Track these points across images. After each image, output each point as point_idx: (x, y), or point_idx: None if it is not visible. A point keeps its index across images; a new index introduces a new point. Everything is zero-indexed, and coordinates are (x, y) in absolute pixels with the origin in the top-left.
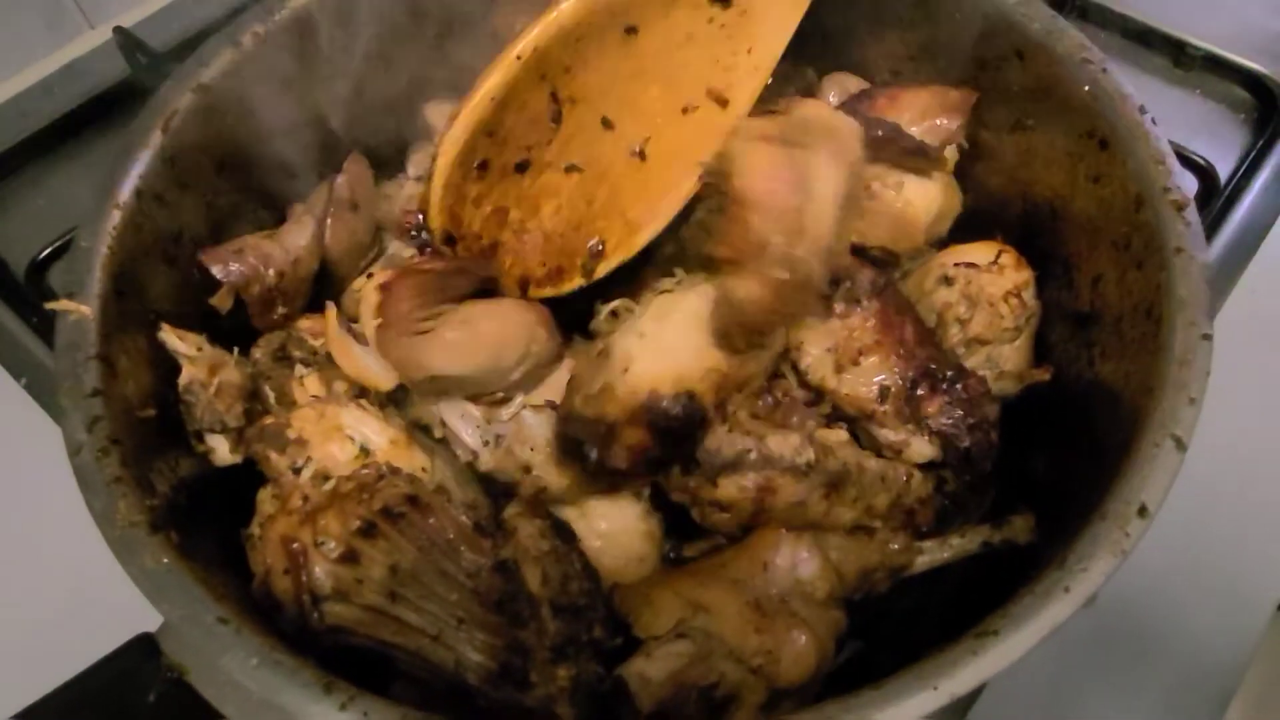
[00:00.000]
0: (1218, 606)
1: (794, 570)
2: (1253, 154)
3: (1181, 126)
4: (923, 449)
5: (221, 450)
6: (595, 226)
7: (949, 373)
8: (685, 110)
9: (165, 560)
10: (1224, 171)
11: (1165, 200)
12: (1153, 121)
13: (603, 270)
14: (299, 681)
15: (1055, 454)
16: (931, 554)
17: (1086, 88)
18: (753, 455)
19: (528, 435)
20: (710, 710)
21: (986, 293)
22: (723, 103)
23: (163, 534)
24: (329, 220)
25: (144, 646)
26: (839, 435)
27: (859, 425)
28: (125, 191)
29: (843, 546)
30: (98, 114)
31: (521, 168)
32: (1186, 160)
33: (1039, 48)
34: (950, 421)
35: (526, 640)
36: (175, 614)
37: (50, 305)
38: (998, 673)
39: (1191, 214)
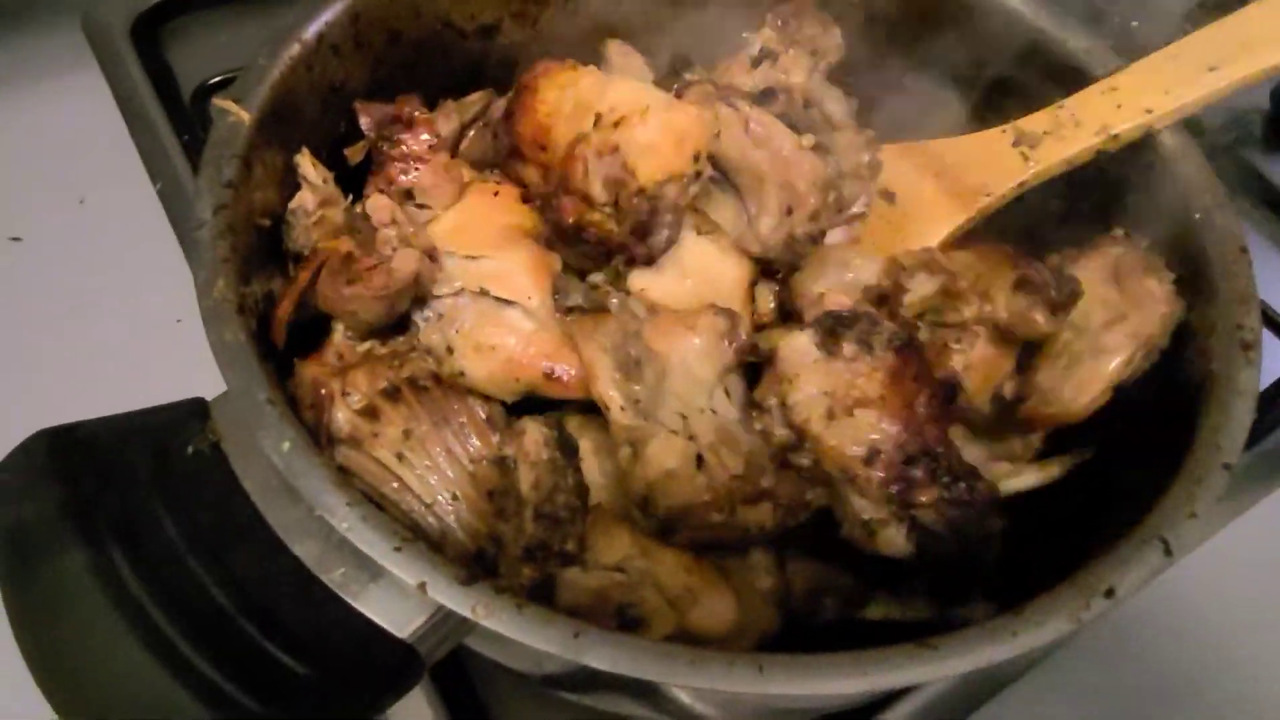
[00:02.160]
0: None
1: (746, 555)
2: None
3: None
4: (895, 541)
5: None
6: None
7: (956, 467)
8: None
9: (241, 338)
10: None
11: (1235, 336)
12: (1248, 264)
13: None
14: (320, 472)
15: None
16: (884, 606)
17: (1197, 215)
18: (717, 526)
19: (457, 317)
20: (620, 625)
21: None
22: None
23: (244, 317)
24: (471, 131)
25: (195, 407)
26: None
27: (835, 491)
28: (310, 31)
29: (800, 562)
30: None
31: None
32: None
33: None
34: (941, 522)
35: (504, 534)
36: (236, 384)
37: (218, 101)
38: (925, 680)
39: (1255, 354)
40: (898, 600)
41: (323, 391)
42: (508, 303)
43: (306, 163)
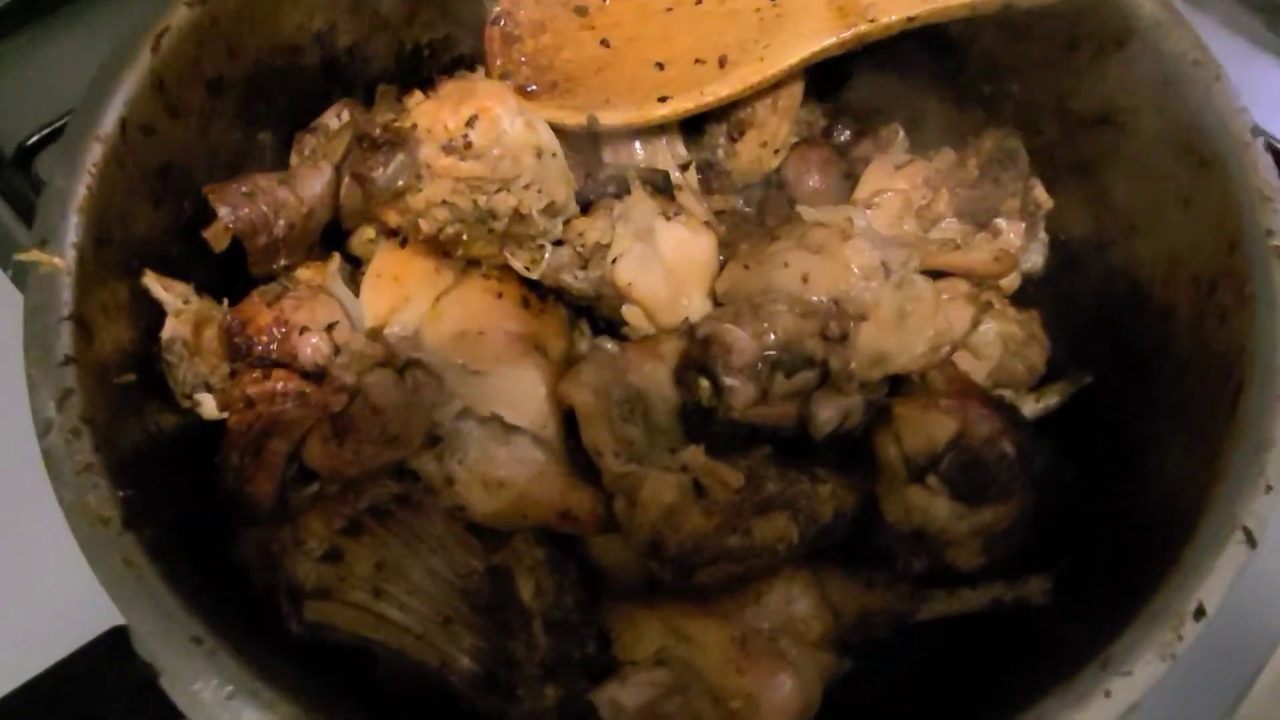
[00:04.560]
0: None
1: (788, 607)
2: None
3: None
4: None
5: (209, 405)
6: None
7: None
8: (696, 61)
9: (136, 562)
10: None
11: (1267, 245)
12: (1266, 147)
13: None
14: (277, 715)
15: (1101, 526)
16: (938, 604)
17: (1194, 95)
18: (735, 552)
19: (459, 445)
20: None
21: None
22: (721, 64)
23: (135, 531)
24: (346, 175)
25: (115, 643)
26: (822, 494)
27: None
28: (108, 122)
29: (843, 588)
30: None
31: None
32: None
33: (1144, 40)
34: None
35: (516, 652)
36: (145, 628)
37: (20, 257)
38: None
39: None
40: (946, 595)
41: (273, 549)
42: (517, 430)
43: (158, 286)
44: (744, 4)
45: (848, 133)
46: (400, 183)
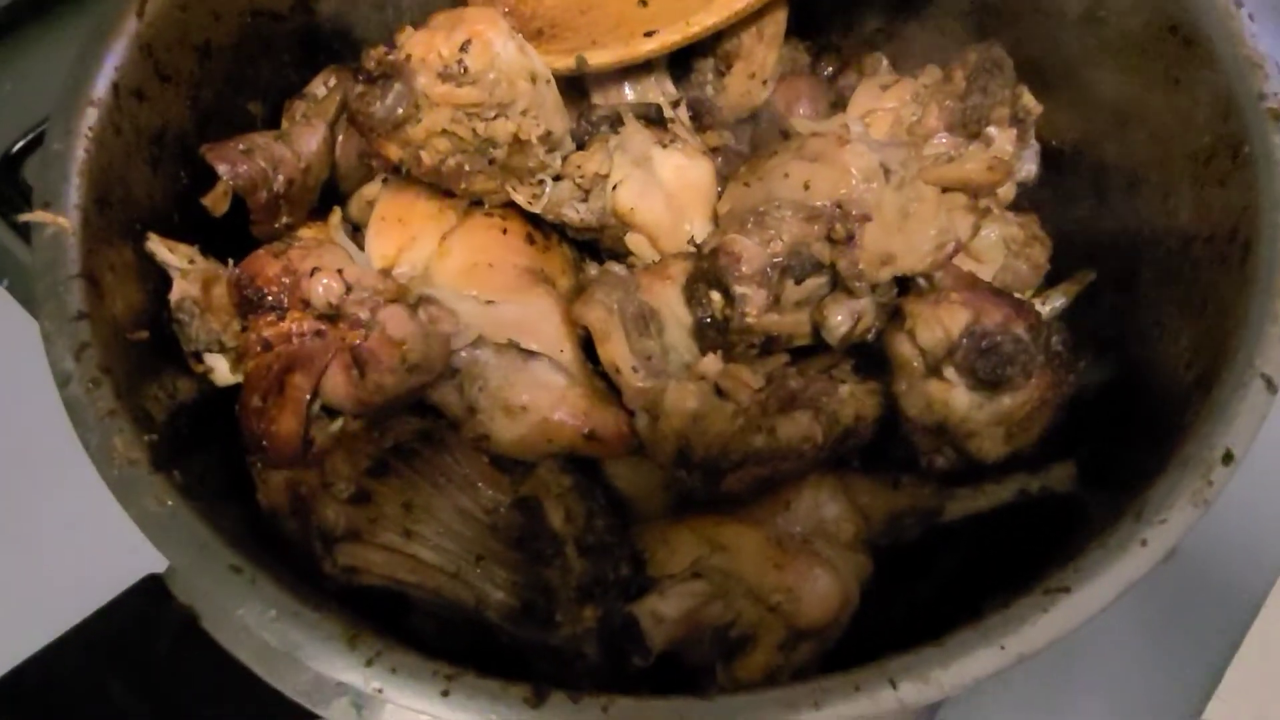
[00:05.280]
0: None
1: (817, 511)
2: None
3: None
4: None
5: (222, 370)
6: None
7: None
8: None
9: (169, 502)
10: None
11: (1261, 109)
12: (1250, 18)
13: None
14: (321, 635)
15: (1122, 397)
16: (965, 501)
17: None
18: (763, 452)
19: (478, 373)
20: (726, 650)
21: None
22: None
23: (165, 473)
24: (341, 134)
25: (152, 589)
26: (842, 394)
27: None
28: (100, 87)
29: (870, 490)
30: None
31: None
32: None
33: None
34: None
35: (551, 579)
36: (184, 561)
37: (24, 217)
38: (1070, 631)
39: None
40: (972, 490)
41: (302, 491)
42: (534, 355)
43: (161, 249)
44: None
45: (831, 68)
46: (399, 111)
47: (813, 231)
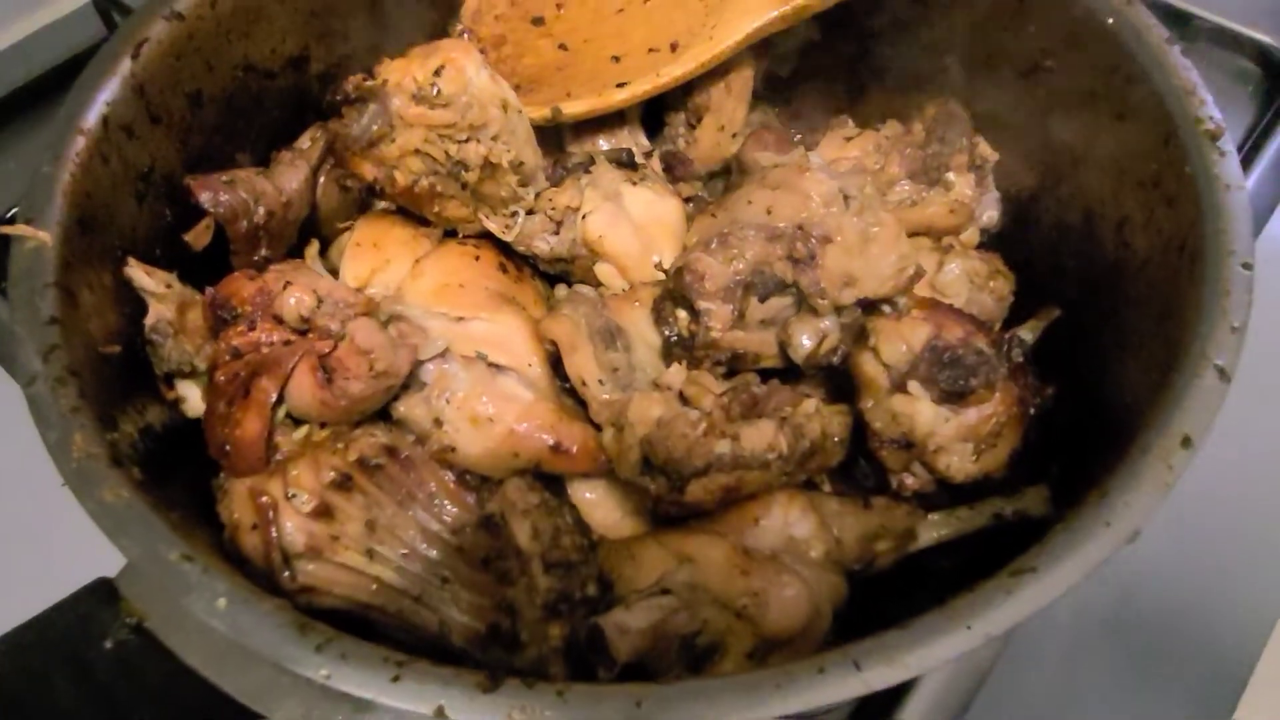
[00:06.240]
0: (1230, 600)
1: (787, 529)
2: (1260, 128)
3: None
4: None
5: (193, 399)
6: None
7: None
8: (650, 50)
9: (124, 494)
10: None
11: (1198, 131)
12: (1180, 52)
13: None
14: (272, 622)
15: (1090, 416)
16: (938, 527)
17: (1110, 20)
18: (726, 458)
19: (446, 385)
20: (693, 659)
21: None
22: (673, 48)
23: (123, 469)
24: (323, 177)
25: (101, 591)
26: (807, 408)
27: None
28: (90, 118)
29: (841, 510)
30: (73, 78)
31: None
32: None
33: None
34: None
35: (515, 599)
36: (135, 551)
37: (4, 230)
38: (1035, 612)
39: (1227, 143)
40: (944, 514)
41: (263, 500)
42: (502, 369)
43: (139, 273)
44: None
45: (799, 135)
46: (375, 129)
47: (775, 251)
